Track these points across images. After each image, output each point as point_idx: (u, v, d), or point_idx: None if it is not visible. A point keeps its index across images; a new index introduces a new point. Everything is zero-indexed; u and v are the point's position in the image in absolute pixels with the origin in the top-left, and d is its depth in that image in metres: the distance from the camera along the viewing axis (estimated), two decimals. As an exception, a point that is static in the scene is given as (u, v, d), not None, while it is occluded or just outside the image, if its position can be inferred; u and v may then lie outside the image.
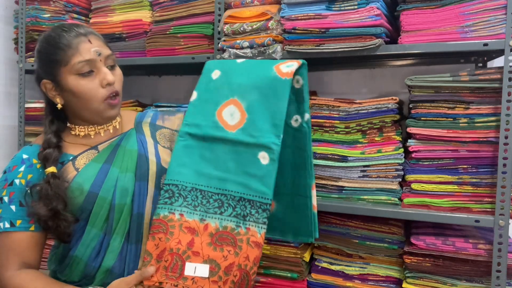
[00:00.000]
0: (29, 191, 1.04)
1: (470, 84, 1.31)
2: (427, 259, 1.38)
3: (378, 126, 1.45)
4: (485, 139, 1.31)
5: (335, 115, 1.49)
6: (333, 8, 1.41)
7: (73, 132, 1.13)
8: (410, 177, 1.40)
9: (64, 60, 1.04)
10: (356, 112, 1.46)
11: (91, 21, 1.89)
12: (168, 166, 1.02)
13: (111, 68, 1.09)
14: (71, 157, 1.09)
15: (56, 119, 1.13)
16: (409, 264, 1.40)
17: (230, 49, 1.54)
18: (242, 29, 1.52)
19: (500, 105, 1.27)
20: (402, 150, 1.43)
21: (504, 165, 1.27)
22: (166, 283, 0.93)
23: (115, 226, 1.06)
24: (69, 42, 1.04)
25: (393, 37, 1.46)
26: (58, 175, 1.04)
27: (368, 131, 1.46)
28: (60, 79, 1.06)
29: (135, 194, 1.08)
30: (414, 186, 1.39)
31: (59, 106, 1.09)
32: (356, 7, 1.37)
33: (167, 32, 1.71)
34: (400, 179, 1.44)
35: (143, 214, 1.08)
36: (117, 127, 1.17)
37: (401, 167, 1.43)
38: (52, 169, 1.04)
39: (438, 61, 1.70)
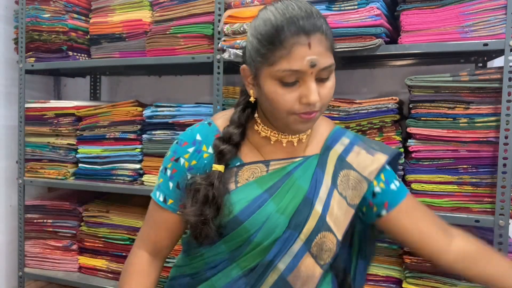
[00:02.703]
0: (189, 179, 0.96)
1: (470, 84, 1.31)
2: (427, 259, 1.38)
3: (378, 126, 1.45)
4: (485, 139, 1.31)
5: (335, 115, 1.49)
6: (333, 8, 1.41)
7: (256, 128, 0.98)
8: (410, 177, 1.40)
9: (270, 59, 0.85)
10: (356, 112, 1.46)
11: (91, 21, 1.89)
12: None
13: (322, 80, 0.87)
14: (238, 163, 0.96)
15: (248, 108, 0.98)
16: (409, 264, 1.40)
17: (230, 49, 1.54)
18: (242, 29, 1.52)
19: (500, 105, 1.27)
20: (402, 150, 1.43)
21: (504, 165, 1.27)
22: None
23: (243, 258, 0.94)
24: (285, 38, 0.83)
25: (393, 37, 1.46)
26: (224, 178, 0.93)
27: (368, 131, 1.46)
28: (260, 74, 0.88)
29: (279, 240, 0.92)
30: (414, 186, 1.39)
31: (251, 99, 0.95)
32: (356, 7, 1.37)
33: (167, 32, 1.71)
34: (400, 179, 1.43)
35: (274, 264, 0.92)
36: (303, 140, 0.98)
37: (401, 167, 1.43)
38: (220, 167, 0.93)
39: (438, 61, 1.70)
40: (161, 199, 0.99)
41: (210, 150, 0.96)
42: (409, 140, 1.40)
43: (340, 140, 1.00)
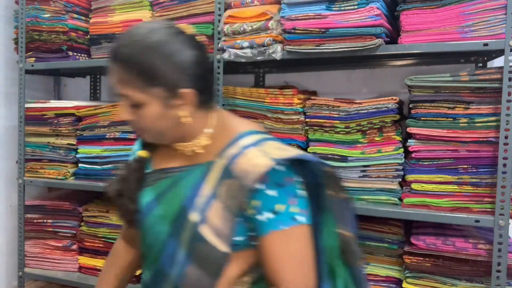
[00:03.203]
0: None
1: (470, 84, 1.31)
2: (427, 259, 1.38)
3: (378, 126, 1.45)
4: (485, 139, 1.31)
5: (335, 115, 1.49)
6: (333, 8, 1.41)
7: None
8: (410, 177, 1.40)
9: None
10: (356, 112, 1.46)
11: (91, 21, 1.89)
12: None
13: (134, 107, 0.90)
14: (148, 170, 1.01)
15: None
16: (409, 264, 1.40)
17: (230, 49, 1.54)
18: (242, 29, 1.52)
19: (500, 105, 1.27)
20: (402, 150, 1.43)
21: (504, 165, 1.27)
22: None
23: (146, 259, 1.00)
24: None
25: (393, 37, 1.46)
26: (144, 162, 1.01)
27: (368, 131, 1.46)
28: None
29: (165, 249, 0.93)
30: (414, 186, 1.39)
31: None
32: (356, 7, 1.37)
33: (167, 32, 1.71)
34: (400, 179, 1.44)
35: (166, 271, 0.93)
36: (198, 150, 0.96)
37: (401, 167, 1.43)
38: (143, 153, 1.01)
39: (438, 61, 1.70)
40: None
41: (123, 164, 1.07)
42: (409, 140, 1.40)
43: (235, 144, 0.92)
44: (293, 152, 0.91)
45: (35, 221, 1.96)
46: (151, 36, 0.88)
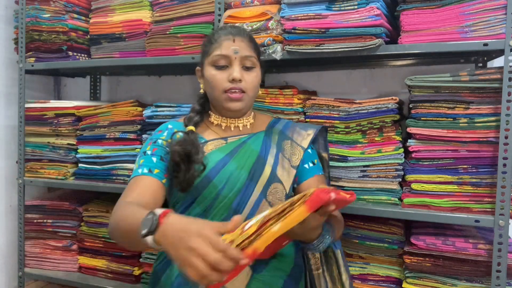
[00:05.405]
0: (167, 148, 1.18)
1: (470, 84, 1.31)
2: (427, 259, 1.38)
3: (378, 126, 1.45)
4: (485, 139, 1.31)
5: (335, 115, 1.49)
6: (333, 8, 1.41)
7: (210, 119, 1.27)
8: (410, 177, 1.40)
9: (208, 51, 1.21)
10: (356, 112, 1.46)
11: (91, 21, 1.89)
12: None
13: (247, 69, 1.19)
14: (203, 141, 1.21)
15: (204, 100, 1.29)
16: (409, 264, 1.40)
17: (230, 49, 1.54)
18: (242, 29, 1.52)
19: (500, 105, 1.27)
20: (402, 150, 1.43)
21: (504, 165, 1.27)
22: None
23: (214, 212, 1.15)
24: (218, 37, 1.21)
25: (393, 37, 1.46)
26: (195, 134, 1.20)
27: (368, 131, 1.46)
28: (203, 67, 1.24)
29: (241, 191, 1.15)
30: (414, 186, 1.39)
31: (201, 90, 1.28)
32: (356, 7, 1.37)
33: (167, 32, 1.71)
34: (400, 179, 1.44)
35: (239, 212, 1.13)
36: (248, 126, 1.26)
37: (401, 167, 1.43)
38: (191, 127, 1.21)
39: (438, 61, 1.70)
40: (146, 171, 1.15)
41: (181, 133, 1.21)
42: (409, 140, 1.40)
43: (278, 123, 1.31)
44: (317, 126, 1.34)
45: (35, 221, 1.96)
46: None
